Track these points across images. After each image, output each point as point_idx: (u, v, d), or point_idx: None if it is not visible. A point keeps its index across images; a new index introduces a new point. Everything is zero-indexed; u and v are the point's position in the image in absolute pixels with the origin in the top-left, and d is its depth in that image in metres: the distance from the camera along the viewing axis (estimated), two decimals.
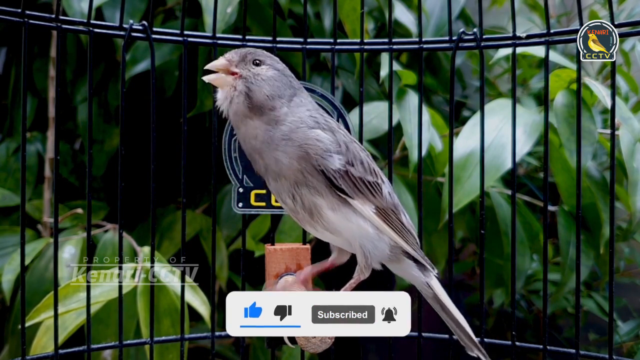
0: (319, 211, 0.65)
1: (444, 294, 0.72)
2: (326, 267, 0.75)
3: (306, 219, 0.66)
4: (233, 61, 0.65)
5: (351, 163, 0.65)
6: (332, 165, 0.64)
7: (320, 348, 0.64)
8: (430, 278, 0.72)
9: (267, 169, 0.65)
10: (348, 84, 1.30)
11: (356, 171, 0.65)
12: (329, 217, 0.65)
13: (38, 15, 0.71)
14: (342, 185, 0.64)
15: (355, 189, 0.65)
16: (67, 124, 1.33)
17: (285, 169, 0.64)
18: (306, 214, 0.65)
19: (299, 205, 0.65)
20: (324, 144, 0.64)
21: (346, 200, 0.65)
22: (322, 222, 0.66)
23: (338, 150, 0.65)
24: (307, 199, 0.64)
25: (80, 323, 0.86)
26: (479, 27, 0.79)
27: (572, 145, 0.97)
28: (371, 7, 1.33)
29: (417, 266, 0.71)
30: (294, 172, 0.64)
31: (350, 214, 0.66)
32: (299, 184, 0.64)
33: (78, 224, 1.17)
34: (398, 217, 0.69)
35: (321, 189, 0.64)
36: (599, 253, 1.12)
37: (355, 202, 0.65)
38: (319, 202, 0.64)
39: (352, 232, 0.66)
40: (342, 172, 0.64)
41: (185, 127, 0.78)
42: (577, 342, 0.76)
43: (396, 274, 0.74)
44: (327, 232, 0.67)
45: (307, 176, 0.63)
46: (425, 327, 0.82)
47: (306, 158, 0.63)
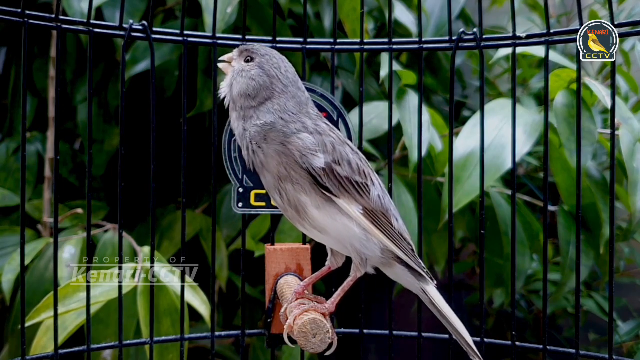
0: (304, 209, 0.65)
1: (441, 300, 0.71)
2: (324, 274, 0.75)
3: (295, 217, 0.67)
4: (232, 56, 0.71)
5: (337, 162, 0.65)
6: (316, 163, 0.64)
7: (320, 348, 0.64)
8: (426, 284, 0.71)
9: (254, 163, 0.67)
10: (348, 84, 1.30)
11: (342, 170, 0.65)
12: (314, 215, 0.65)
13: (38, 15, 0.71)
14: (326, 184, 0.64)
15: (341, 188, 0.65)
16: (67, 124, 1.33)
17: (267, 164, 0.65)
18: (293, 211, 0.66)
19: (286, 202, 0.66)
20: (304, 142, 0.64)
21: (331, 199, 0.65)
22: (309, 220, 0.66)
23: (323, 150, 0.65)
24: (292, 196, 0.65)
25: (80, 323, 0.86)
26: (479, 27, 0.79)
27: (572, 145, 0.97)
28: (371, 7, 1.34)
29: (410, 272, 0.70)
30: (276, 167, 0.65)
31: (336, 213, 0.65)
32: (283, 179, 0.65)
33: (78, 224, 1.17)
34: (389, 220, 0.68)
35: (305, 186, 0.64)
36: (599, 253, 1.12)
37: (341, 202, 0.65)
38: (304, 200, 0.65)
39: (338, 231, 0.66)
40: (327, 171, 0.64)
41: (185, 127, 0.78)
42: (577, 342, 0.76)
43: (392, 279, 0.73)
44: (315, 231, 0.67)
45: (290, 172, 0.64)
46: (425, 327, 0.82)
47: (287, 154, 0.64)
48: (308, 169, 0.64)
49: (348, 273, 0.69)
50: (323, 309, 0.67)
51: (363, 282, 0.78)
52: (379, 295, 1.13)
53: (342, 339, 0.73)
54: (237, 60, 0.70)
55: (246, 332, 0.83)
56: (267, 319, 0.78)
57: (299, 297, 0.70)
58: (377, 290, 0.79)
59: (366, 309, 0.83)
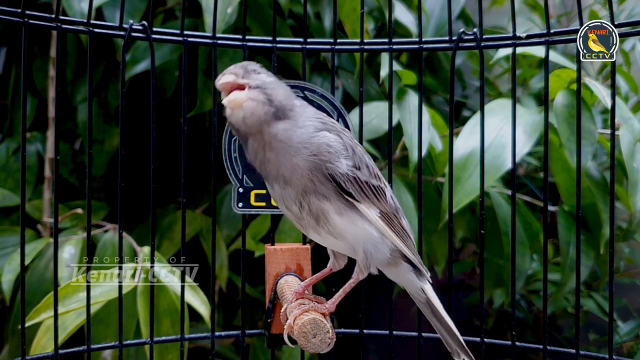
0: (325, 216, 0.64)
1: (436, 299, 0.72)
2: (325, 275, 0.75)
3: (311, 225, 0.66)
4: (239, 74, 0.63)
5: (358, 167, 0.65)
6: (340, 170, 0.63)
7: (320, 348, 0.64)
8: (425, 283, 0.72)
9: (277, 176, 0.64)
10: (348, 84, 1.30)
11: (362, 175, 0.65)
12: (336, 221, 0.65)
13: (38, 15, 0.71)
14: (350, 189, 0.64)
15: (362, 193, 0.65)
16: (67, 124, 1.33)
17: (296, 177, 0.63)
18: (312, 219, 0.65)
19: (306, 212, 0.64)
20: (333, 148, 0.63)
21: (352, 204, 0.65)
22: (328, 226, 0.65)
23: (346, 155, 0.64)
24: (315, 205, 0.64)
25: (80, 323, 0.86)
26: (479, 27, 0.79)
27: (572, 145, 0.97)
28: (371, 7, 1.34)
29: (413, 270, 0.71)
30: (305, 180, 0.63)
31: (357, 218, 0.65)
32: (308, 192, 0.63)
33: (78, 224, 1.17)
34: (399, 221, 0.69)
35: (329, 194, 0.64)
36: (599, 253, 1.12)
37: (362, 206, 0.65)
38: (326, 207, 0.64)
39: (357, 236, 0.66)
40: (350, 177, 0.64)
41: (185, 127, 0.78)
42: (577, 342, 0.76)
43: (391, 278, 0.74)
44: (331, 237, 0.66)
45: (317, 184, 0.63)
46: (425, 327, 0.82)
47: (318, 166, 0.63)
48: (332, 175, 0.63)
49: (348, 274, 0.69)
50: (323, 309, 0.67)
51: (363, 282, 0.78)
52: (379, 295, 1.13)
53: (342, 339, 0.73)
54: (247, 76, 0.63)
55: (246, 332, 0.83)
56: (267, 319, 0.78)
57: (299, 297, 0.70)
58: (377, 290, 0.79)
59: (366, 309, 0.83)
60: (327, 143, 0.63)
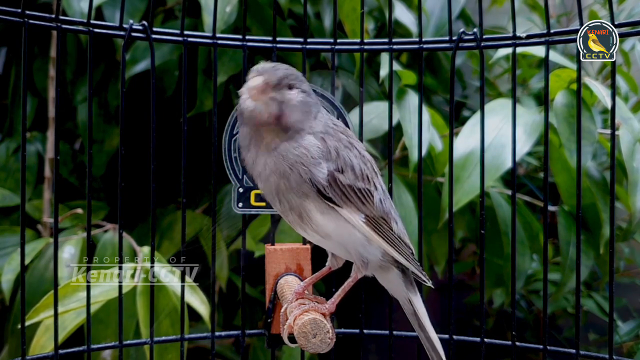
0: (307, 214, 0.64)
1: (424, 312, 0.71)
2: (324, 274, 0.75)
3: (296, 221, 0.65)
4: (270, 84, 0.61)
5: (340, 170, 0.64)
6: (319, 174, 0.62)
7: (320, 348, 0.63)
8: (414, 294, 0.71)
9: (259, 173, 0.64)
10: (348, 84, 1.30)
11: (345, 178, 0.64)
12: (318, 220, 0.64)
13: (38, 15, 0.71)
14: (329, 194, 0.63)
15: (344, 197, 0.64)
16: (67, 124, 1.33)
17: (272, 176, 0.63)
18: (296, 216, 0.64)
19: (287, 208, 0.64)
20: (310, 152, 0.62)
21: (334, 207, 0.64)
22: (312, 224, 0.64)
23: (327, 158, 0.63)
24: (295, 202, 0.63)
25: (80, 323, 0.86)
26: (479, 27, 0.79)
27: (572, 145, 0.97)
28: (371, 7, 1.34)
29: (403, 279, 0.70)
30: (276, 178, 0.63)
31: (340, 219, 0.65)
32: (286, 190, 0.63)
33: (78, 224, 1.17)
34: (389, 225, 0.68)
35: (310, 192, 0.63)
36: (599, 253, 1.12)
37: (344, 212, 0.64)
38: (307, 206, 0.63)
39: (342, 236, 0.66)
40: (330, 181, 0.63)
41: (185, 127, 0.78)
42: (577, 342, 0.76)
43: (382, 284, 0.73)
44: (317, 235, 0.66)
45: (294, 184, 0.62)
46: None
47: (296, 169, 0.62)
48: (311, 179, 0.62)
49: (348, 273, 0.69)
50: (323, 309, 0.67)
51: (363, 282, 0.78)
52: (379, 295, 1.13)
53: (342, 339, 0.73)
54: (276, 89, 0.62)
55: (246, 332, 0.83)
56: (267, 319, 0.78)
57: (299, 297, 0.70)
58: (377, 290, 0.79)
59: (366, 309, 0.83)
60: (305, 147, 0.62)
